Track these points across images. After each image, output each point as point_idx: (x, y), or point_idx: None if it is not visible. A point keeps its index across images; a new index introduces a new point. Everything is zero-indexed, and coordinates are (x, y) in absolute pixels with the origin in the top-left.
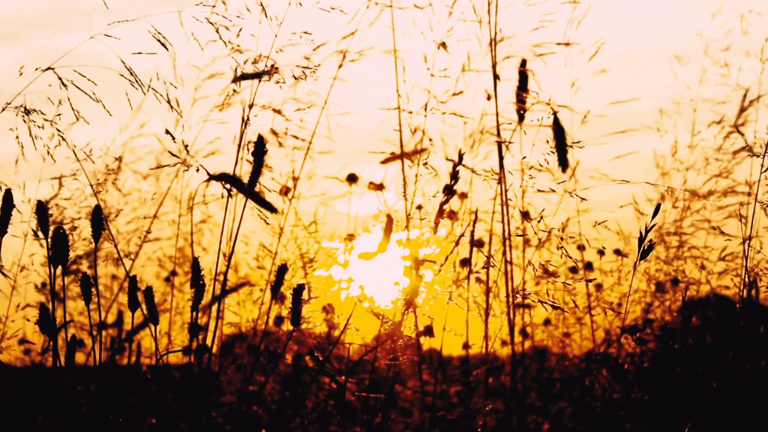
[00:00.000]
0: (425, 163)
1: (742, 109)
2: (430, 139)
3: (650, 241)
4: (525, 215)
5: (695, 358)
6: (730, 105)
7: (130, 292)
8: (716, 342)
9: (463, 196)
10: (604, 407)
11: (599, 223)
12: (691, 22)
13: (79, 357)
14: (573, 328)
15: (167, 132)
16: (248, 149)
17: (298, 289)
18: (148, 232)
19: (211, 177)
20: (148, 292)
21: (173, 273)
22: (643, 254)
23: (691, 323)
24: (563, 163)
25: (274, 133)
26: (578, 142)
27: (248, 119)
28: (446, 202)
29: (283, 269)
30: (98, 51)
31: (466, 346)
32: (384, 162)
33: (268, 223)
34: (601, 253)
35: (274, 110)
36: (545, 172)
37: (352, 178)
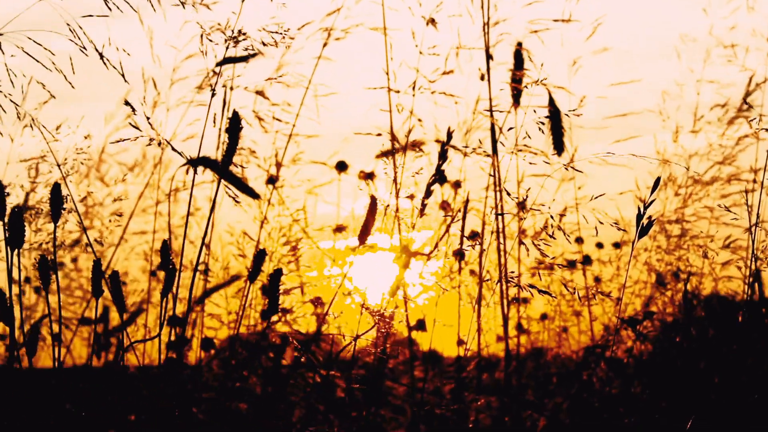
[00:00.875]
0: (414, 145)
1: (748, 93)
2: (419, 120)
3: (649, 217)
4: (521, 205)
5: (697, 351)
6: (735, 88)
7: (94, 276)
8: (719, 336)
9: (457, 185)
10: (602, 402)
11: (595, 198)
12: (696, 4)
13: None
14: (570, 322)
15: (126, 103)
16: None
17: (276, 275)
18: (119, 214)
19: (189, 161)
20: (114, 277)
21: (159, 267)
22: (642, 232)
23: (694, 314)
24: (559, 146)
25: (258, 117)
26: (575, 110)
27: (211, 93)
28: (434, 182)
29: (261, 255)
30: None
31: (460, 342)
32: (379, 156)
33: (237, 201)
34: (599, 245)
35: (256, 92)
36: (540, 155)
37: (341, 166)
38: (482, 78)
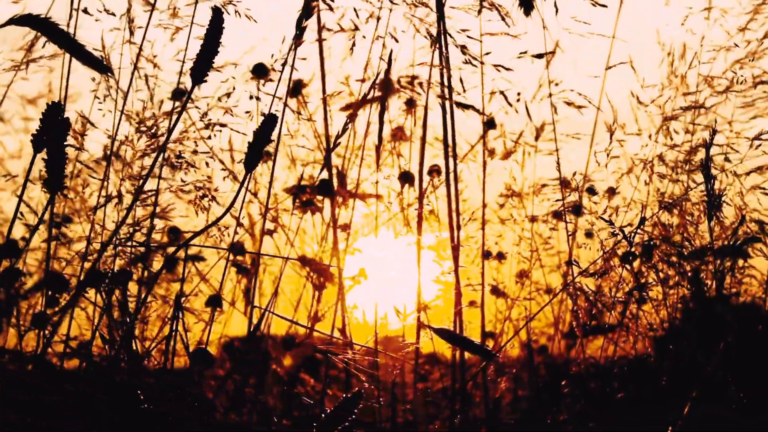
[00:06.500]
0: None
1: None
2: None
3: None
4: (489, 123)
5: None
6: None
7: None
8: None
9: (411, 104)
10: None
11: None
12: None
13: None
14: (548, 267)
15: None
16: None
17: (61, 130)
18: None
19: (12, 20)
20: None
21: (66, 219)
22: None
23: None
24: (526, 3)
25: None
26: None
27: None
28: None
29: (60, 122)
30: None
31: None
32: (344, 109)
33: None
34: (591, 191)
35: None
36: (499, 9)
37: (259, 71)
38: None
